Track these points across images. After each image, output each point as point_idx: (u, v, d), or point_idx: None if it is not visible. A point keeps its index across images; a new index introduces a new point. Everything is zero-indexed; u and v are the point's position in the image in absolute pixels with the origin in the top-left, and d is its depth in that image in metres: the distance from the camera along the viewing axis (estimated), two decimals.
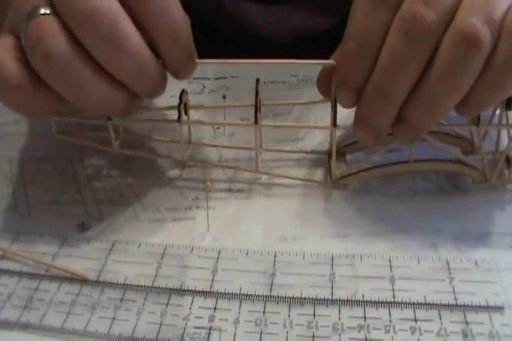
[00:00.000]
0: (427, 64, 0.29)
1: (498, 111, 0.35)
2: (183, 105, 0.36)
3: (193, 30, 0.34)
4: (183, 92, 0.36)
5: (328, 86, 0.33)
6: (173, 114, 0.36)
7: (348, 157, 0.38)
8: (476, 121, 0.33)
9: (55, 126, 0.39)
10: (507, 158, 0.36)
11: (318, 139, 0.40)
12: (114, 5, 0.29)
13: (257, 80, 0.35)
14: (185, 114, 0.37)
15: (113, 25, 0.29)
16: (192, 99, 0.42)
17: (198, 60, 0.34)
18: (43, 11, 0.30)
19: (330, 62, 0.32)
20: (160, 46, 0.32)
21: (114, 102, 0.32)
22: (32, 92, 0.31)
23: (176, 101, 0.36)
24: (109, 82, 0.31)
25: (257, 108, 0.35)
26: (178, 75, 0.34)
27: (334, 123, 0.34)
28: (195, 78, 0.47)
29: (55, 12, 0.30)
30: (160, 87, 0.34)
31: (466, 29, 0.28)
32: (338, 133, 0.36)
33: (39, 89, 0.31)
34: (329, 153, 0.36)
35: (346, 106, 0.32)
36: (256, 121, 0.35)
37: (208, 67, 0.47)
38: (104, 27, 0.29)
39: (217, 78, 0.47)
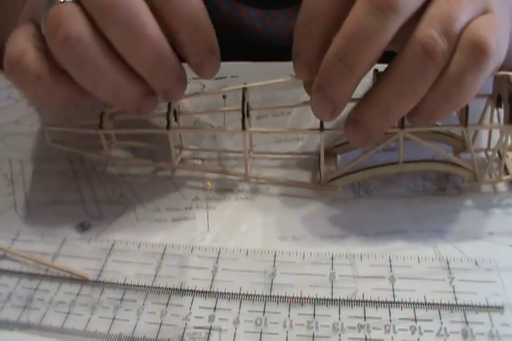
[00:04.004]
0: (386, 68, 0.30)
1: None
2: (172, 112, 0.36)
3: None
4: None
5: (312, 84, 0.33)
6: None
7: (339, 157, 0.39)
8: (464, 122, 0.33)
9: (48, 135, 0.39)
10: (499, 155, 0.36)
11: (318, 139, 0.40)
12: None
13: (244, 89, 0.36)
14: (176, 120, 0.37)
15: (132, 14, 0.30)
16: (192, 99, 0.42)
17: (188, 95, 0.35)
18: None
19: None
20: (179, 36, 0.32)
21: (129, 95, 0.33)
22: (50, 83, 0.32)
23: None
24: (126, 72, 0.31)
25: (244, 114, 0.35)
26: (201, 70, 0.34)
27: (321, 127, 0.34)
28: (194, 78, 0.46)
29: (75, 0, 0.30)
30: (177, 87, 0.34)
31: (424, 39, 0.28)
32: (330, 133, 0.36)
33: (57, 81, 0.32)
34: (320, 155, 0.36)
35: (301, 77, 0.33)
36: (243, 127, 0.35)
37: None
38: (124, 16, 0.29)
39: (217, 78, 0.47)
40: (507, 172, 0.35)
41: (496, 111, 0.36)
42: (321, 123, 0.34)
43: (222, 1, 0.51)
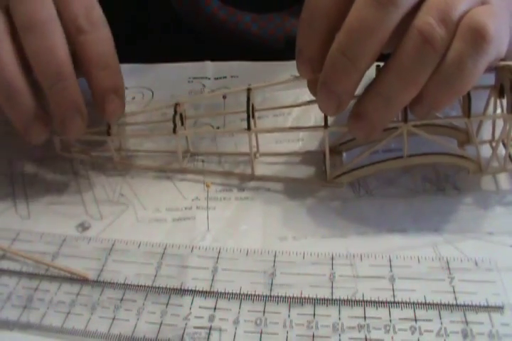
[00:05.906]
0: (386, 60, 0.30)
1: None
2: (178, 116, 0.36)
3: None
4: (177, 105, 0.37)
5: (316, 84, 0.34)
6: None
7: (344, 155, 0.39)
8: (467, 113, 0.33)
9: (58, 143, 0.39)
10: (503, 145, 0.36)
11: (318, 139, 0.40)
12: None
13: (249, 90, 0.36)
14: (182, 124, 0.37)
15: None
16: (192, 100, 0.42)
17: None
18: None
19: None
20: (43, 86, 0.34)
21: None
22: None
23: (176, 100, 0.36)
24: None
25: (249, 115, 0.35)
26: (62, 128, 0.36)
27: (325, 125, 0.34)
28: (195, 78, 0.47)
29: None
30: (35, 128, 0.36)
31: (422, 26, 0.29)
32: (334, 131, 0.36)
33: None
34: (324, 153, 0.36)
35: (304, 75, 0.33)
36: (249, 128, 0.35)
37: (208, 67, 0.47)
38: None
39: (217, 78, 0.47)
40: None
41: (499, 103, 0.36)
42: (325, 120, 0.34)
43: (217, 7, 0.52)
